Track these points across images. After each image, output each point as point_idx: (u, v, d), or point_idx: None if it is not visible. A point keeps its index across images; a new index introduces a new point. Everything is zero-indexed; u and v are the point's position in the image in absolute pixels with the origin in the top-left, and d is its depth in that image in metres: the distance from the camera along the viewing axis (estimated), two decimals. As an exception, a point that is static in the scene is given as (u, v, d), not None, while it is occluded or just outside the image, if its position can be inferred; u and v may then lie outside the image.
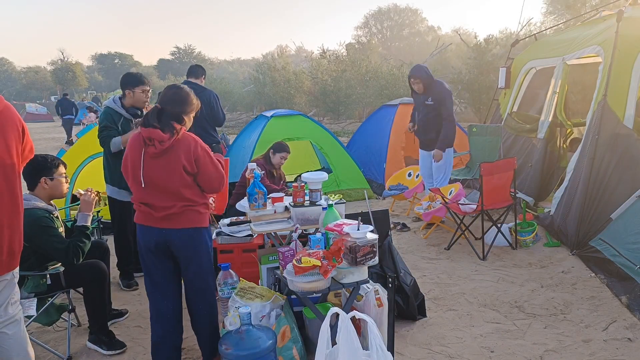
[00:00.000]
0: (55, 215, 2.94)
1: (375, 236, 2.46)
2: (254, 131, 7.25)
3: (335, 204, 3.03)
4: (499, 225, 4.70)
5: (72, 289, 3.11)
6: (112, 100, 3.97)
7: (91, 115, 18.50)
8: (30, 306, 2.88)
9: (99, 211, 4.32)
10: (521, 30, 15.73)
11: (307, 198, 3.12)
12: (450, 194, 5.21)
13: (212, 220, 3.21)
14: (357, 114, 20.38)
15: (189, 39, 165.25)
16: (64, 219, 4.06)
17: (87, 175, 5.46)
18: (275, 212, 3.13)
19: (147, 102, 4.01)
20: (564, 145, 5.93)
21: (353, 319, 2.10)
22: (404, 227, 5.54)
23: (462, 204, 4.86)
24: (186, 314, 2.78)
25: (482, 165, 4.43)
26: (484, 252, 4.50)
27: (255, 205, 3.19)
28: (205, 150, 2.59)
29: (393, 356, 2.48)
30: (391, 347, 2.66)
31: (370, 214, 3.29)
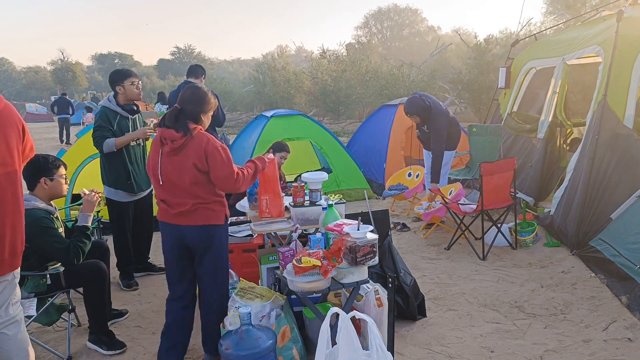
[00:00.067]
0: (55, 215, 2.94)
1: (375, 236, 2.46)
2: (254, 131, 7.25)
3: (335, 204, 3.03)
4: (499, 225, 4.70)
5: (72, 289, 3.11)
6: (108, 99, 3.96)
7: (89, 115, 18.54)
8: (30, 306, 2.87)
9: (98, 211, 4.31)
10: (521, 30, 15.74)
11: (307, 198, 3.12)
12: (450, 194, 5.22)
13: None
14: (357, 114, 20.37)
15: (189, 39, 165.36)
16: (64, 219, 4.06)
17: (87, 175, 5.46)
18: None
19: (140, 94, 3.98)
20: (564, 145, 5.93)
21: (353, 319, 2.10)
22: (404, 227, 5.54)
23: (462, 204, 4.86)
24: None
25: (482, 165, 4.43)
26: (484, 252, 4.50)
27: (255, 205, 3.20)
28: (217, 148, 2.62)
29: (393, 356, 2.48)
30: (391, 347, 2.66)
31: (370, 214, 3.28)
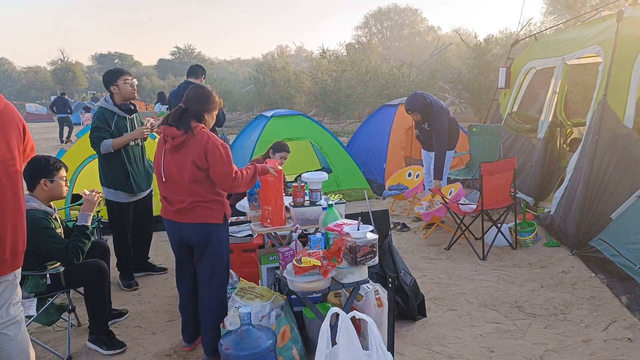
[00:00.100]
0: (53, 216, 2.93)
1: (375, 236, 2.46)
2: (254, 131, 7.25)
3: (335, 204, 3.03)
4: (499, 225, 4.70)
5: (72, 289, 3.11)
6: (104, 100, 3.95)
7: (87, 115, 18.56)
8: (30, 306, 2.87)
9: (99, 211, 4.31)
10: (521, 30, 15.74)
11: (307, 198, 3.12)
12: (450, 194, 5.22)
13: None
14: (357, 114, 20.37)
15: (189, 39, 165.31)
16: (64, 219, 4.06)
17: (87, 175, 5.46)
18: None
19: (134, 91, 3.97)
20: (564, 145, 5.93)
21: (353, 319, 2.10)
22: (404, 227, 5.54)
23: (462, 204, 4.86)
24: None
25: (482, 165, 4.43)
26: (484, 252, 4.50)
27: (255, 205, 3.20)
28: (218, 146, 2.63)
29: (393, 356, 2.48)
30: (391, 347, 2.65)
31: (370, 214, 3.29)
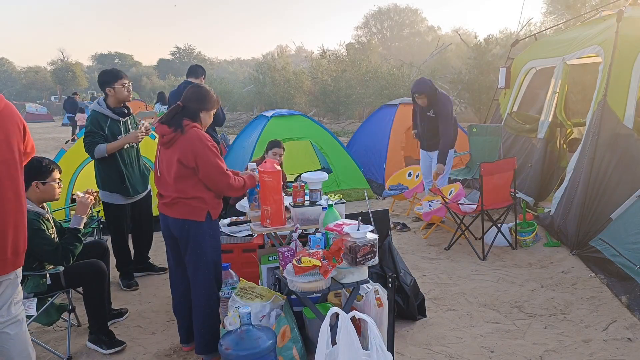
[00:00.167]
0: (45, 217, 2.92)
1: (375, 236, 2.46)
2: (254, 131, 7.25)
3: (335, 204, 3.02)
4: (499, 225, 4.70)
5: (72, 289, 3.11)
6: (97, 102, 3.86)
7: (80, 115, 18.58)
8: (30, 306, 2.87)
9: (99, 211, 4.31)
10: (521, 30, 15.74)
11: (307, 198, 3.12)
12: (450, 194, 5.21)
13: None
14: (357, 114, 20.36)
15: (189, 39, 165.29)
16: (63, 219, 4.06)
17: (86, 175, 5.45)
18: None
19: (129, 95, 3.91)
20: (564, 145, 5.93)
21: (353, 319, 2.10)
22: (404, 227, 5.54)
23: (462, 204, 4.86)
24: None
25: (482, 165, 4.43)
26: (484, 252, 4.50)
27: (255, 205, 3.20)
28: (209, 148, 2.67)
29: (393, 356, 2.48)
30: (391, 347, 2.65)
31: (370, 214, 3.28)
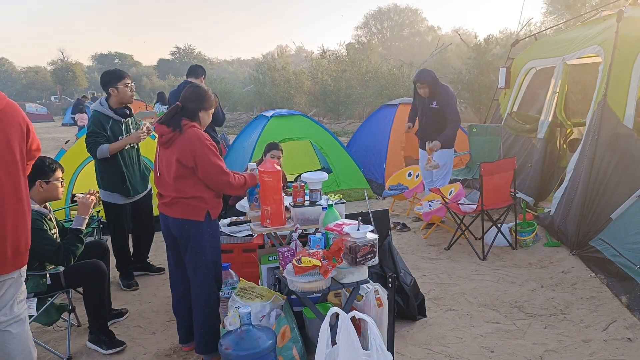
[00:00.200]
0: (48, 217, 2.93)
1: (375, 236, 2.46)
2: (254, 131, 7.24)
3: (335, 204, 3.02)
4: (499, 225, 4.70)
5: (72, 289, 3.11)
6: (99, 103, 3.87)
7: (78, 115, 18.63)
8: (30, 306, 2.87)
9: (99, 211, 4.31)
10: (521, 30, 15.71)
11: (307, 198, 3.12)
12: (450, 194, 5.21)
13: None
14: (357, 114, 20.36)
15: (189, 39, 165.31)
16: (63, 219, 4.06)
17: (86, 175, 5.45)
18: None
19: (132, 96, 3.93)
20: (564, 145, 5.93)
21: (353, 319, 2.10)
22: (404, 227, 5.54)
23: (462, 204, 4.86)
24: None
25: (482, 165, 4.43)
26: (484, 252, 4.50)
27: (255, 205, 3.20)
28: (208, 147, 2.67)
29: (393, 356, 2.48)
30: (391, 347, 2.65)
31: (370, 214, 3.28)
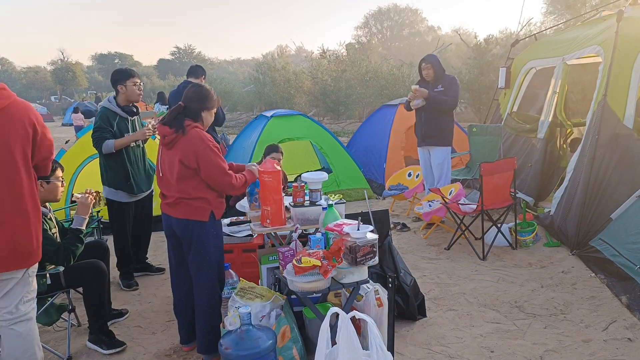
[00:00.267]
0: (48, 217, 2.93)
1: (375, 236, 2.46)
2: (254, 131, 7.25)
3: (335, 204, 3.02)
4: (499, 225, 4.70)
5: (72, 289, 3.11)
6: (108, 100, 3.98)
7: (74, 115, 18.62)
8: (31, 306, 2.87)
9: (99, 211, 4.31)
10: (521, 30, 15.71)
11: (307, 198, 3.12)
12: (450, 194, 5.21)
13: None
14: (357, 114, 20.37)
15: (189, 39, 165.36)
16: (63, 219, 4.06)
17: (86, 175, 5.46)
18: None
19: (140, 95, 4.00)
20: (564, 145, 5.93)
21: (353, 319, 2.10)
22: (404, 227, 5.54)
23: (462, 204, 4.86)
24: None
25: (482, 165, 4.43)
26: (484, 252, 4.50)
27: (255, 205, 3.20)
28: (210, 148, 2.68)
29: (393, 356, 2.48)
30: (391, 347, 2.65)
31: (370, 214, 3.28)
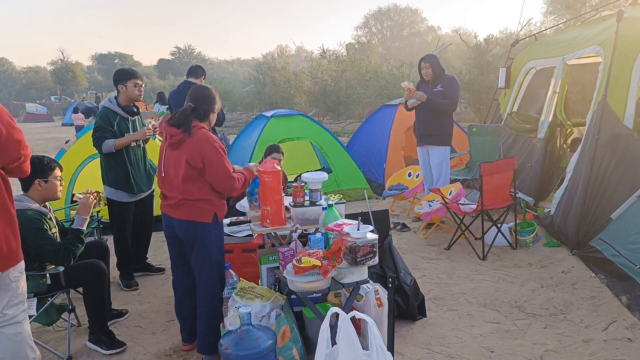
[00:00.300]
0: (48, 217, 2.93)
1: (375, 236, 2.46)
2: (254, 131, 7.25)
3: (335, 204, 3.02)
4: (499, 225, 4.70)
5: (72, 289, 3.11)
6: (109, 100, 4.00)
7: (74, 115, 18.64)
8: (30, 306, 2.86)
9: (99, 211, 4.31)
10: (521, 30, 15.71)
11: (307, 198, 3.12)
12: (450, 194, 5.21)
13: None
14: (357, 114, 20.37)
15: (189, 39, 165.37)
16: (63, 219, 4.06)
17: (86, 175, 5.46)
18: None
19: (140, 95, 4.01)
20: (564, 145, 5.93)
21: (353, 319, 2.10)
22: (404, 227, 5.54)
23: (462, 204, 4.86)
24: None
25: (482, 165, 4.43)
26: (484, 252, 4.50)
27: (255, 205, 3.20)
28: (216, 150, 2.69)
29: (393, 356, 2.48)
30: (391, 347, 2.65)
31: (370, 214, 3.28)
